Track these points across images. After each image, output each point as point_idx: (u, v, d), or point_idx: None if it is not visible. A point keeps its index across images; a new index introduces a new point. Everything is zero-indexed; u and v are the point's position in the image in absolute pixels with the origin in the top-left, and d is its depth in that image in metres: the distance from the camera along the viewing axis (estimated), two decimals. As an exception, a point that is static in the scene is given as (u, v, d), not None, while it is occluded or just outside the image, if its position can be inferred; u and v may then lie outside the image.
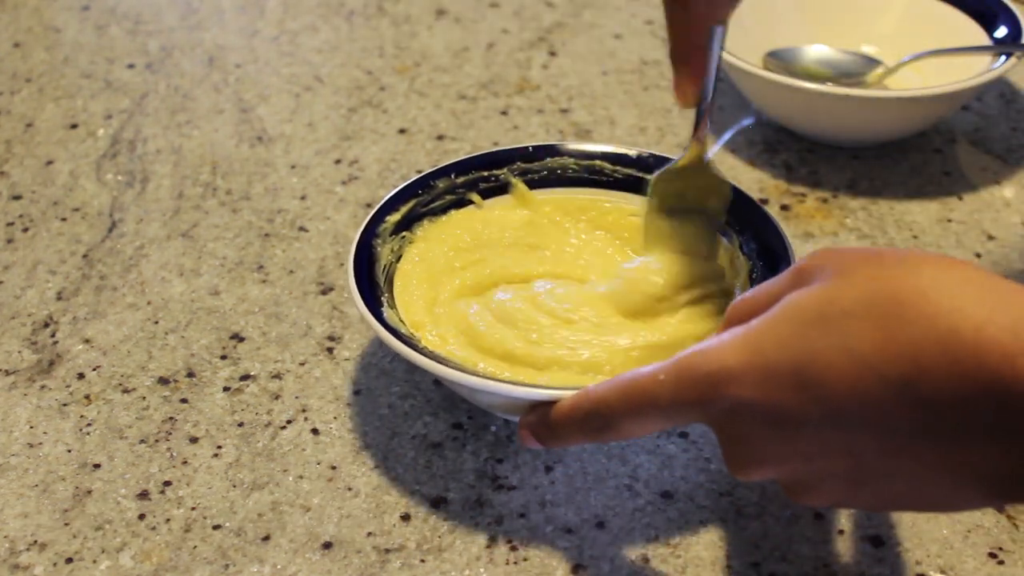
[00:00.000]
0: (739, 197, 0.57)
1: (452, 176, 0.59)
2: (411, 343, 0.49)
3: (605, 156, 0.60)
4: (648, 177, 0.58)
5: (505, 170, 0.60)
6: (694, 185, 0.56)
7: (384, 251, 0.56)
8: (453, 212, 0.59)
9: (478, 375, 0.48)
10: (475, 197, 0.60)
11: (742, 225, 0.56)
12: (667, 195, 0.56)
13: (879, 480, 0.38)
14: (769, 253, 0.54)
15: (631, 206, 0.59)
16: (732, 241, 0.56)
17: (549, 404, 0.45)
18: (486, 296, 0.55)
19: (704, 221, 0.56)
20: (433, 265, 0.57)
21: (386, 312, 0.51)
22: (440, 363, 0.48)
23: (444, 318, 0.54)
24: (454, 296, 0.56)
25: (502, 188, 0.60)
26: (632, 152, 0.60)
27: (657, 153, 0.60)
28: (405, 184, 0.58)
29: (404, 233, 0.57)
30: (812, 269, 0.39)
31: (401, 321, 0.52)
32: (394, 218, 0.57)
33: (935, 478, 0.36)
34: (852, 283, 0.37)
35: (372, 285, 0.53)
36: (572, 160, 0.61)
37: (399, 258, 0.56)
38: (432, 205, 0.59)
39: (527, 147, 0.61)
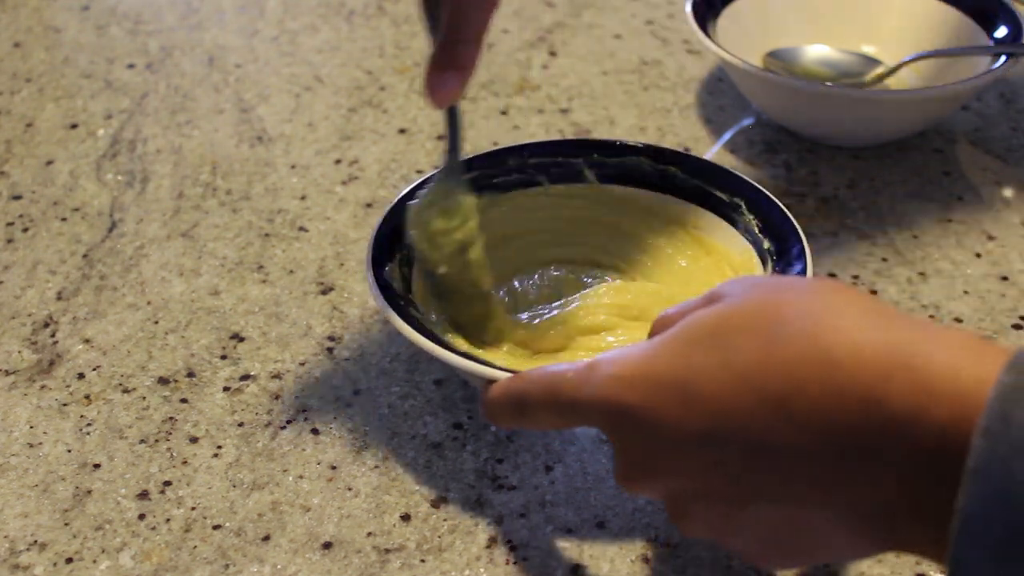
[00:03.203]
0: (753, 191, 0.57)
1: (525, 156, 0.60)
2: (395, 300, 0.50)
3: (680, 163, 0.59)
4: (717, 192, 0.58)
5: (581, 159, 0.60)
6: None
7: None
8: (518, 191, 0.59)
9: (436, 341, 0.49)
10: (543, 180, 0.60)
11: (762, 222, 0.56)
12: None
13: (757, 509, 0.37)
14: (784, 245, 0.54)
15: (698, 219, 0.59)
16: (764, 257, 0.56)
17: (492, 383, 0.46)
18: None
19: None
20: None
21: (388, 268, 0.52)
22: (408, 322, 0.49)
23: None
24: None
25: (574, 176, 0.60)
26: (707, 163, 0.60)
27: (729, 168, 0.59)
28: (474, 154, 0.59)
29: None
30: (721, 292, 0.39)
31: (404, 279, 0.53)
32: None
33: (816, 510, 0.36)
34: (744, 305, 0.37)
35: (391, 242, 0.54)
36: (648, 161, 0.60)
37: None
38: (496, 181, 0.59)
39: (610, 140, 0.61)
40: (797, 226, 0.55)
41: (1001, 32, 0.73)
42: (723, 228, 0.58)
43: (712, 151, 0.74)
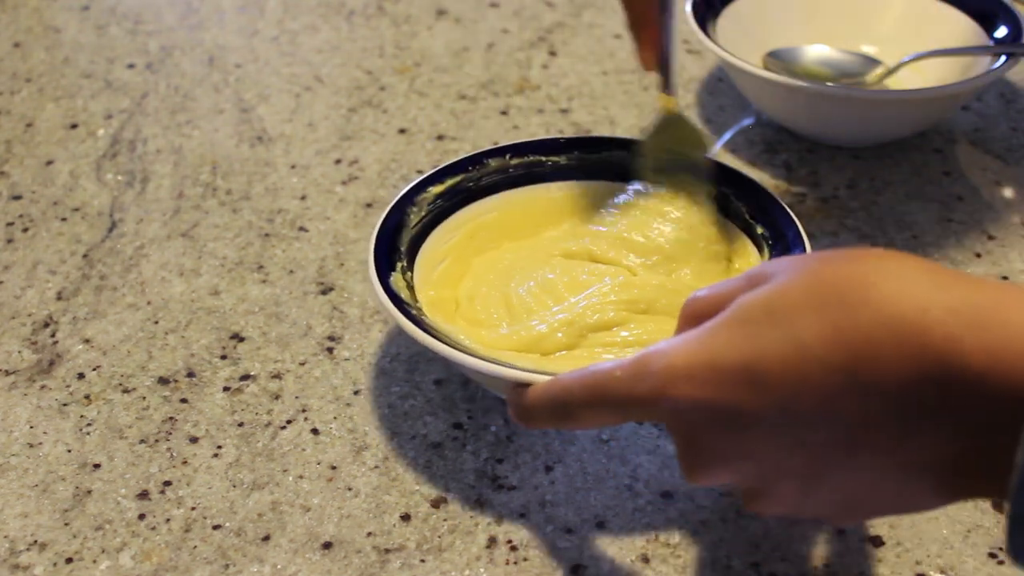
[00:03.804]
0: (751, 186, 0.57)
1: (507, 157, 0.60)
2: (406, 310, 0.50)
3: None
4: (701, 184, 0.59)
5: (563, 157, 0.60)
6: (675, 138, 0.58)
7: (414, 218, 0.56)
8: (506, 191, 0.60)
9: (460, 348, 0.48)
10: (527, 181, 0.61)
11: (755, 214, 0.56)
12: (655, 154, 0.58)
13: (833, 479, 0.37)
14: (783, 239, 0.54)
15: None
16: (759, 243, 0.56)
17: (527, 386, 0.46)
18: (504, 278, 0.57)
19: (694, 172, 0.58)
20: (470, 238, 0.58)
21: (393, 275, 0.52)
22: (425, 331, 0.49)
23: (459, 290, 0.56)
24: (476, 270, 0.57)
25: (558, 175, 0.61)
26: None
27: (713, 159, 0.60)
28: (457, 159, 0.59)
29: (444, 203, 0.58)
30: (764, 273, 0.39)
31: (408, 287, 0.53)
32: (437, 189, 0.58)
33: (888, 472, 0.36)
34: (797, 281, 0.37)
35: (391, 249, 0.54)
36: (630, 155, 0.60)
37: (435, 226, 0.57)
38: (481, 182, 0.59)
39: (588, 136, 0.61)
40: (788, 210, 0.55)
41: (1001, 32, 0.73)
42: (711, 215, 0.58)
43: (712, 151, 0.74)
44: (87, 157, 0.75)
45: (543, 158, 0.60)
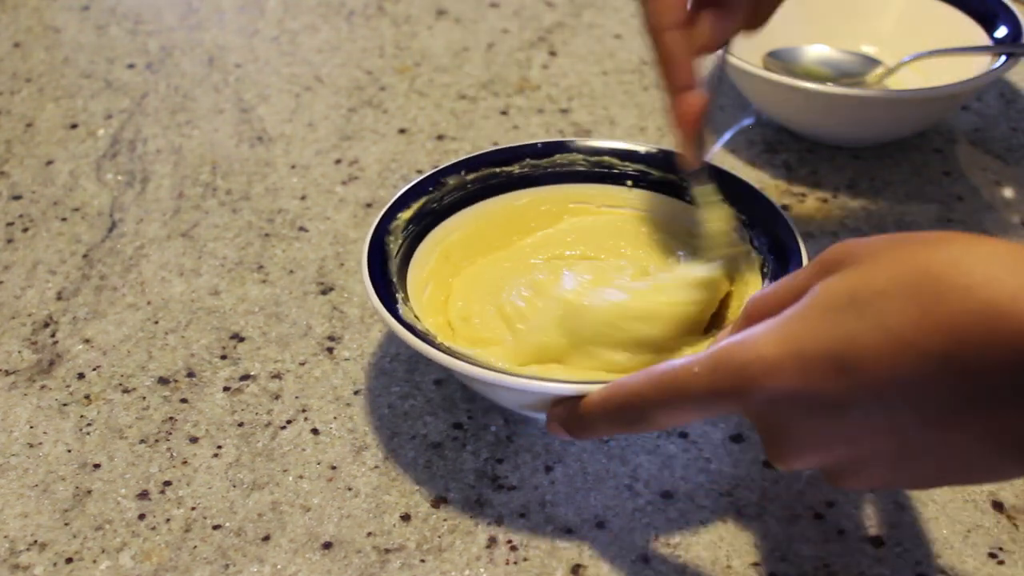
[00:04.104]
0: (749, 192, 0.57)
1: (463, 173, 0.60)
2: (428, 339, 0.49)
3: (614, 152, 0.61)
4: (655, 172, 0.60)
5: (516, 166, 0.60)
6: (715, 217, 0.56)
7: (394, 247, 0.56)
8: (467, 208, 0.60)
9: (509, 373, 0.48)
10: (485, 194, 0.60)
11: (752, 220, 0.56)
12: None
13: (925, 456, 0.38)
14: (780, 248, 0.54)
15: (640, 202, 0.60)
16: (744, 238, 0.56)
17: (577, 398, 0.45)
18: (496, 289, 0.56)
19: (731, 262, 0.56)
20: (445, 259, 0.58)
21: (402, 309, 0.52)
22: (462, 360, 0.48)
23: (451, 309, 0.56)
24: (460, 290, 0.57)
25: (512, 184, 0.61)
26: (641, 148, 0.61)
27: (665, 148, 0.60)
28: (416, 181, 0.59)
29: (415, 228, 0.58)
30: (836, 259, 0.39)
31: (416, 317, 0.52)
32: (406, 215, 0.57)
33: (980, 448, 0.36)
34: (880, 265, 0.37)
35: (387, 283, 0.53)
36: (581, 156, 0.61)
37: (412, 252, 0.57)
38: (444, 202, 0.59)
39: (536, 143, 0.61)
40: (755, 188, 0.56)
41: (1001, 32, 0.73)
42: (671, 204, 0.59)
43: (712, 151, 0.74)
44: (87, 157, 0.75)
45: (496, 169, 0.60)
